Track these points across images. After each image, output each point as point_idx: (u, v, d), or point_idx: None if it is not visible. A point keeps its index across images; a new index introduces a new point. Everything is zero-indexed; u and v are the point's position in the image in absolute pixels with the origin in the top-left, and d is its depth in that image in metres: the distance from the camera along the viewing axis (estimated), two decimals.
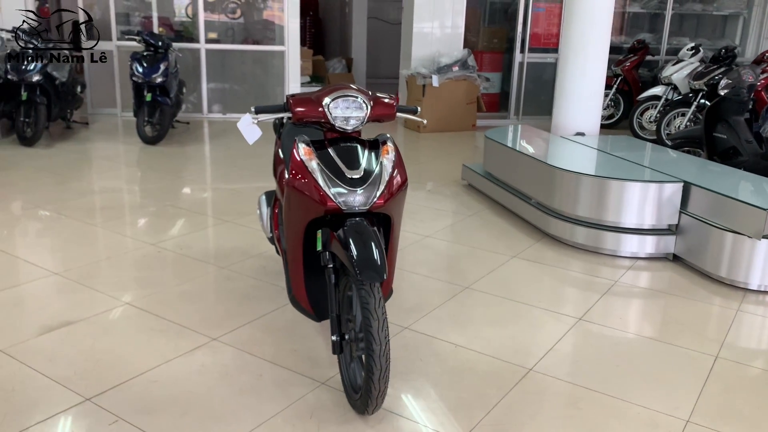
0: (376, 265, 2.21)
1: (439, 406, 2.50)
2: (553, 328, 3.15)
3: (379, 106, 2.51)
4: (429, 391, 2.59)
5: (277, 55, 8.96)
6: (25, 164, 5.99)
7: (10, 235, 4.18)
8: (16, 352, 2.75)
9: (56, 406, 2.39)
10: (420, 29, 8.70)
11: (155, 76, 6.88)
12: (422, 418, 2.41)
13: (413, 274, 3.75)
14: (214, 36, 10.22)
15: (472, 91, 8.48)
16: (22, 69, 6.54)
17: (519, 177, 4.83)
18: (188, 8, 10.61)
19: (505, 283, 3.68)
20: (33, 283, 3.45)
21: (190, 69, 8.81)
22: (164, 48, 7.14)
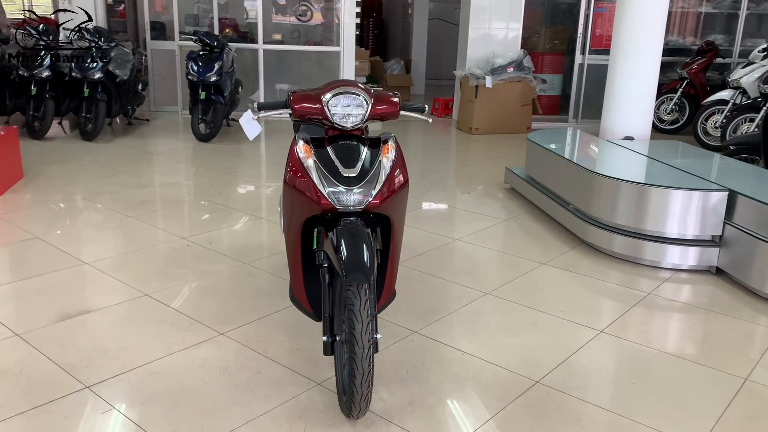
0: (364, 267, 2.16)
1: (433, 414, 2.41)
2: (571, 340, 3.00)
3: (380, 104, 2.45)
4: (425, 398, 2.51)
5: (332, 56, 9.02)
6: (83, 158, 6.25)
7: (52, 224, 4.36)
8: (31, 337, 2.85)
9: (56, 392, 2.45)
10: (476, 30, 8.56)
11: (209, 75, 7.04)
12: (412, 426, 2.34)
13: (434, 277, 3.66)
14: (279, 37, 10.42)
15: (527, 93, 8.28)
16: (84, 67, 6.84)
17: (558, 181, 4.66)
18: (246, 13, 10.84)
19: (528, 290, 3.55)
20: (63, 272, 3.58)
21: (248, 69, 9.00)
22: (219, 48, 7.30)
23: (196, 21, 10.04)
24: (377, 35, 14.04)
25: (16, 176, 5.30)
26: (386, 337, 2.95)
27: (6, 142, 5.11)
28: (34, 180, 5.37)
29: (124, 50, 7.42)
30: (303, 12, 12.48)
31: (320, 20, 10.07)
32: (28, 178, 5.40)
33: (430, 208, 5.03)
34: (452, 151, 7.57)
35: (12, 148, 5.24)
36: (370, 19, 13.99)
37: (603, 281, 3.72)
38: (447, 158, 7.08)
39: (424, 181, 5.86)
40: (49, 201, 4.87)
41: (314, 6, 10.02)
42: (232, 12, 9.91)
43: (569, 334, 3.06)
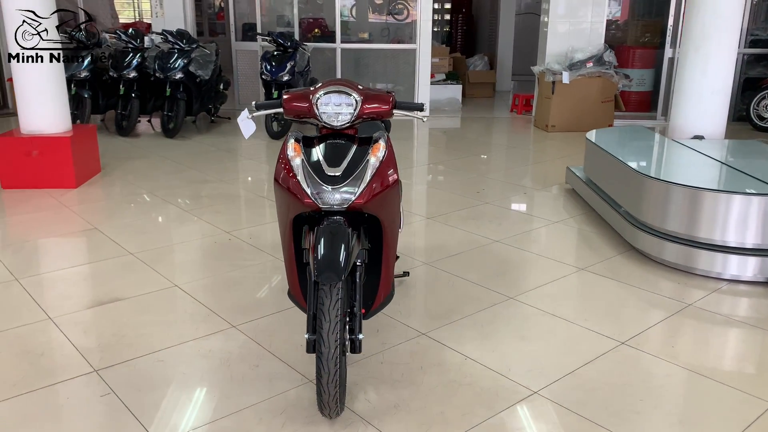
0: (337, 267, 2.15)
1: (415, 419, 2.37)
2: (586, 350, 2.84)
3: (371, 103, 2.43)
4: (412, 402, 2.47)
5: (408, 54, 9.02)
6: (158, 153, 6.62)
7: (112, 216, 4.66)
8: (61, 321, 3.06)
9: (67, 373, 2.62)
10: (557, 23, 8.27)
11: (282, 74, 7.26)
12: (390, 429, 2.31)
13: (460, 278, 3.59)
14: (365, 36, 10.56)
15: (608, 89, 7.89)
16: (166, 67, 7.23)
17: (611, 183, 4.42)
18: (352, 9, 11.04)
19: (556, 296, 3.40)
20: (107, 261, 3.82)
21: (327, 68, 9.17)
22: (293, 48, 7.50)
23: (286, 22, 10.35)
24: (466, 32, 13.88)
25: (94, 170, 5.69)
26: (392, 338, 2.93)
27: (85, 139, 5.51)
28: (109, 174, 5.75)
29: (206, 51, 7.78)
30: (399, 11, 12.56)
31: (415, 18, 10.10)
32: (105, 173, 5.79)
33: (479, 207, 4.91)
34: (522, 149, 7.36)
35: (90, 145, 5.64)
36: (459, 16, 13.85)
37: (642, 289, 3.49)
38: (514, 156, 6.89)
39: (483, 180, 5.74)
40: (116, 194, 5.20)
41: (411, 4, 10.03)
42: (319, 12, 10.11)
43: (586, 344, 2.91)
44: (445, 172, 6.09)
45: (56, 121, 5.25)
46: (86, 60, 7.27)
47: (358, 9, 10.67)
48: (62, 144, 5.17)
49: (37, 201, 4.93)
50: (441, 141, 7.95)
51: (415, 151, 7.01)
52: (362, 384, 2.58)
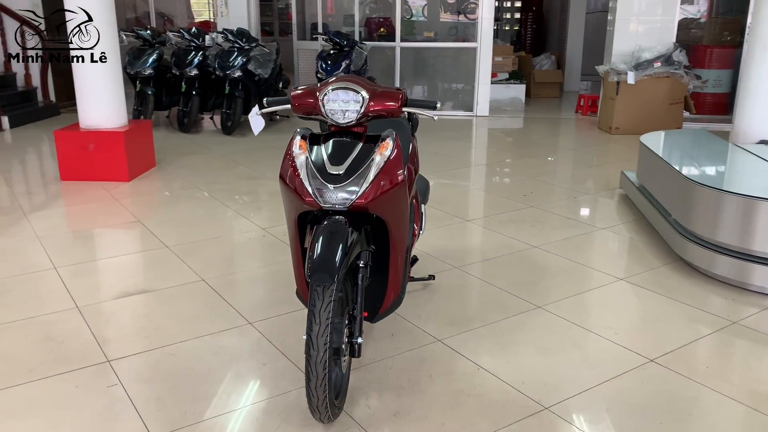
0: (331, 267, 2.09)
1: (413, 428, 2.28)
2: (609, 366, 2.67)
3: (378, 100, 2.36)
4: (413, 410, 2.38)
5: (469, 52, 8.86)
6: (214, 150, 6.76)
7: (157, 209, 4.78)
8: (87, 310, 3.14)
9: (81, 362, 2.68)
10: (624, 21, 7.92)
11: (337, 73, 7.26)
12: None
13: (488, 284, 3.46)
14: (431, 35, 10.49)
15: (677, 90, 7.49)
16: (226, 66, 7.38)
17: (661, 189, 4.17)
18: (424, 9, 11.01)
19: (588, 307, 3.22)
20: (142, 253, 3.91)
21: (387, 67, 9.14)
22: (350, 46, 7.50)
23: (352, 21, 10.40)
24: (536, 30, 13.54)
25: (149, 165, 5.87)
26: (406, 343, 2.84)
27: (139, 134, 5.68)
28: (163, 169, 5.91)
29: (265, 50, 7.90)
30: (472, 9, 12.41)
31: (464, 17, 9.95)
32: (159, 167, 5.96)
33: (523, 210, 4.74)
34: (580, 151, 7.07)
35: (146, 140, 5.82)
36: (529, 14, 13.53)
37: (685, 304, 3.26)
38: (570, 159, 6.63)
39: (533, 183, 5.55)
40: (165, 188, 5.34)
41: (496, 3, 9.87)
42: (388, 11, 10.08)
43: (611, 359, 2.73)
44: (494, 174, 5.92)
45: (112, 117, 5.44)
46: (151, 58, 7.52)
47: (430, 8, 10.60)
48: (116, 138, 5.35)
49: (90, 193, 5.11)
50: (497, 142, 7.76)
51: (469, 151, 6.87)
52: (366, 389, 2.51)
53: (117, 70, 5.45)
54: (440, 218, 4.58)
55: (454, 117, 9.00)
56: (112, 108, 5.42)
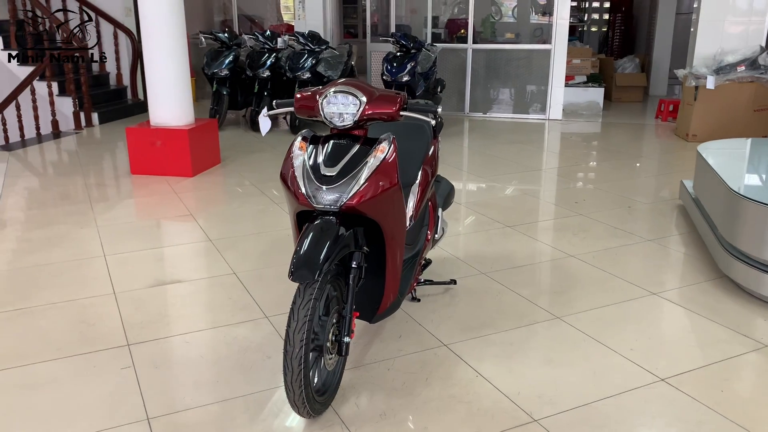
0: (313, 265, 2.14)
1: (395, 430, 2.30)
2: (616, 382, 2.57)
3: (375, 104, 2.39)
4: (400, 412, 2.39)
5: (542, 55, 8.67)
6: (280, 149, 6.99)
7: (208, 203, 5.00)
8: (122, 296, 3.36)
9: (104, 344, 2.88)
10: (710, 23, 7.49)
11: (401, 75, 7.32)
12: None
13: (511, 292, 3.40)
14: (512, 36, 10.36)
15: (763, 96, 7.01)
16: (295, 68, 7.60)
17: (711, 201, 3.94)
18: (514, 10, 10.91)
19: (610, 320, 3.10)
20: (185, 245, 4.12)
21: (457, 69, 9.10)
22: (416, 48, 7.53)
23: (434, 22, 10.43)
24: (624, 32, 13.03)
25: (214, 161, 6.15)
26: (411, 345, 2.86)
27: (205, 132, 5.97)
28: (226, 166, 6.18)
29: (335, 53, 8.06)
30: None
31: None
32: (224, 164, 6.23)
33: (569, 218, 4.61)
34: (650, 158, 6.77)
35: (211, 138, 6.10)
36: (618, 15, 13.05)
37: (716, 323, 3.08)
38: (636, 166, 6.35)
39: (588, 189, 5.38)
40: (223, 184, 5.58)
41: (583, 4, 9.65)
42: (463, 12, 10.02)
43: (619, 375, 2.63)
44: (551, 179, 5.78)
45: (178, 115, 5.74)
46: (227, 60, 7.86)
47: (519, 9, 10.45)
48: (181, 136, 5.64)
49: (154, 186, 5.43)
50: (564, 146, 7.56)
51: (532, 156, 6.73)
52: (359, 388, 2.55)
53: (185, 71, 5.74)
54: (481, 222, 4.54)
55: (526, 120, 8.84)
56: (178, 107, 5.73)
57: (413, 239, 2.96)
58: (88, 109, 8.19)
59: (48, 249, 4.02)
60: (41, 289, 3.45)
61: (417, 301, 3.28)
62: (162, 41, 5.52)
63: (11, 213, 4.76)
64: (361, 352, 2.82)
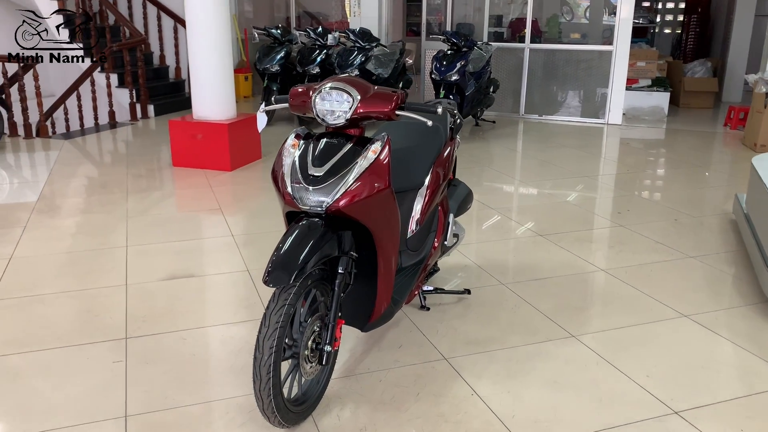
0: (291, 267, 2.05)
1: None
2: (622, 411, 2.36)
3: (369, 102, 2.27)
4: (382, 428, 2.27)
5: (604, 56, 8.29)
6: None
7: (238, 199, 5.00)
8: (133, 288, 3.36)
9: (103, 336, 2.88)
10: None
11: (450, 74, 7.14)
12: None
13: (528, 306, 3.21)
14: (577, 36, 10.01)
15: None
16: (344, 65, 7.53)
17: (761, 217, 3.62)
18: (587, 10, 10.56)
19: (629, 342, 2.87)
20: (208, 239, 4.12)
21: (514, 69, 8.83)
22: (467, 47, 7.33)
23: (498, 21, 10.21)
24: (698, 34, 12.37)
25: (254, 157, 6.16)
26: (409, 357, 2.73)
27: (247, 128, 5.98)
28: (267, 161, 6.18)
29: (386, 50, 7.96)
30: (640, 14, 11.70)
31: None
32: (264, 159, 6.23)
33: (608, 229, 4.35)
34: (709, 169, 6.33)
35: (252, 133, 6.10)
36: (693, 16, 12.39)
37: (749, 352, 2.80)
38: (692, 177, 5.95)
39: (635, 200, 5.07)
40: (258, 180, 5.57)
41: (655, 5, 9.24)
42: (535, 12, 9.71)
43: (628, 404, 2.41)
44: (597, 186, 5.50)
45: (220, 109, 5.77)
46: (278, 55, 7.88)
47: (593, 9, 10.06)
48: (221, 130, 5.67)
49: (192, 179, 5.48)
50: (619, 152, 7.19)
51: (582, 161, 6.43)
52: (345, 398, 2.44)
53: (227, 66, 5.77)
54: (511, 229, 4.34)
55: (583, 124, 8.49)
56: (220, 101, 5.76)
57: (418, 245, 2.82)
58: (144, 101, 8.40)
59: (74, 237, 4.10)
60: (58, 276, 3.50)
61: (426, 310, 3.14)
62: (206, 35, 5.57)
63: (50, 200, 4.89)
64: (356, 360, 2.71)
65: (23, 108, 7.01)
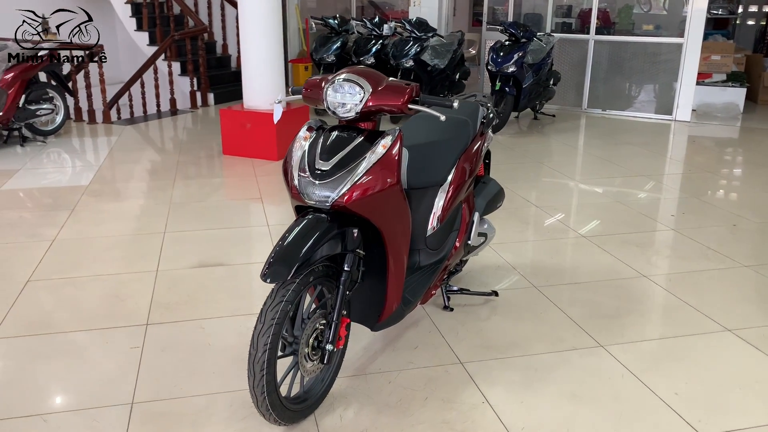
0: (289, 264, 2.00)
1: None
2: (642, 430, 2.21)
3: (380, 96, 2.19)
4: None
5: (674, 48, 7.87)
6: None
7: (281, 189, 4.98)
8: (162, 275, 3.41)
9: (126, 321, 2.93)
10: None
11: (507, 65, 6.94)
12: None
13: (559, 311, 3.06)
14: (650, 28, 9.57)
15: None
16: (398, 55, 7.45)
17: None
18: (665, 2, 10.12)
19: (662, 356, 2.69)
20: (244, 228, 4.14)
21: (577, 61, 8.51)
22: (527, 38, 7.10)
23: (567, 11, 9.89)
24: None
25: None
26: (423, 359, 2.65)
27: (296, 118, 5.99)
28: None
29: (443, 41, 7.82)
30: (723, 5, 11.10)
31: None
32: None
33: (657, 233, 4.11)
34: None
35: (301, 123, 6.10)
36: None
37: None
38: (761, 180, 5.56)
39: (694, 202, 4.78)
40: None
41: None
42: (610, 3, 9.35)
43: (650, 424, 2.26)
44: (653, 187, 5.21)
45: (268, 99, 5.79)
46: (335, 45, 7.87)
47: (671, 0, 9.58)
48: (269, 120, 5.70)
49: (238, 168, 5.54)
50: (684, 151, 6.82)
51: (642, 159, 6.11)
52: (351, 398, 2.39)
53: (277, 55, 5.79)
54: (554, 229, 4.17)
55: (648, 120, 8.10)
56: (269, 90, 5.78)
57: (438, 244, 2.72)
58: (204, 89, 8.57)
59: (116, 222, 4.21)
60: (93, 260, 3.59)
61: (450, 311, 3.04)
62: (256, 23, 5.61)
63: (101, 184, 5.04)
64: (369, 359, 2.65)
65: (88, 94, 7.27)
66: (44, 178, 5.24)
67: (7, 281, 3.32)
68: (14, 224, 4.14)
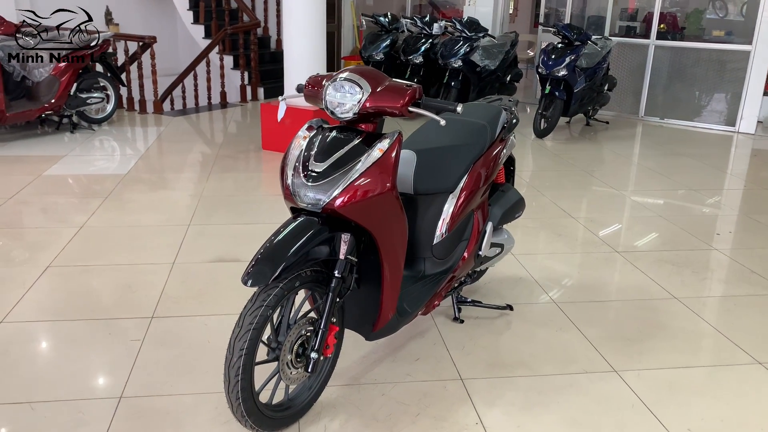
0: (270, 268, 1.94)
1: None
2: None
3: (378, 97, 2.10)
4: None
5: (740, 56, 7.45)
6: None
7: None
8: (177, 267, 3.42)
9: (131, 313, 2.93)
10: None
11: (557, 69, 6.71)
12: None
13: (575, 330, 2.90)
14: (721, 34, 9.13)
15: None
16: (447, 55, 7.32)
17: None
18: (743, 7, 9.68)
19: (680, 387, 2.50)
20: (266, 225, 4.10)
21: (635, 67, 8.17)
22: (580, 41, 6.85)
23: (633, 15, 9.55)
24: None
25: None
26: (422, 372, 2.55)
27: None
28: None
29: (495, 41, 7.63)
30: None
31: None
32: None
33: (696, 252, 3.86)
34: None
35: None
36: None
37: None
38: None
39: (742, 221, 4.48)
40: None
41: None
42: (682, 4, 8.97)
43: None
44: (699, 202, 4.92)
45: None
46: (383, 43, 7.80)
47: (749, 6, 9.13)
48: (306, 116, 5.67)
49: (275, 163, 5.53)
50: (745, 165, 6.43)
51: (693, 172, 5.78)
52: (339, 409, 2.31)
53: (319, 51, 5.77)
54: (586, 242, 3.97)
55: (709, 131, 7.70)
56: None
57: (445, 253, 2.61)
58: (255, 83, 8.65)
59: (144, 212, 4.25)
60: (113, 250, 3.63)
61: (460, 323, 2.92)
62: (297, 20, 5.61)
63: (138, 173, 5.12)
64: (365, 368, 2.56)
65: (140, 84, 7.44)
66: (86, 165, 5.37)
67: (29, 266, 3.39)
68: (48, 209, 4.24)
